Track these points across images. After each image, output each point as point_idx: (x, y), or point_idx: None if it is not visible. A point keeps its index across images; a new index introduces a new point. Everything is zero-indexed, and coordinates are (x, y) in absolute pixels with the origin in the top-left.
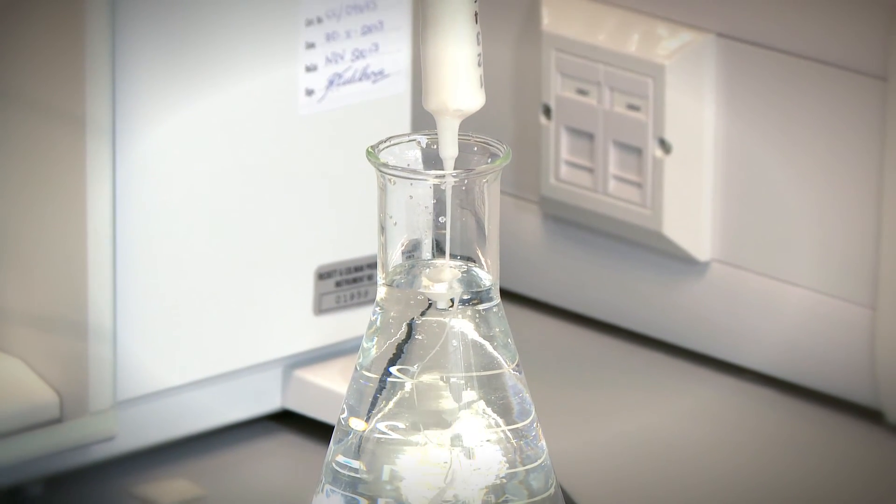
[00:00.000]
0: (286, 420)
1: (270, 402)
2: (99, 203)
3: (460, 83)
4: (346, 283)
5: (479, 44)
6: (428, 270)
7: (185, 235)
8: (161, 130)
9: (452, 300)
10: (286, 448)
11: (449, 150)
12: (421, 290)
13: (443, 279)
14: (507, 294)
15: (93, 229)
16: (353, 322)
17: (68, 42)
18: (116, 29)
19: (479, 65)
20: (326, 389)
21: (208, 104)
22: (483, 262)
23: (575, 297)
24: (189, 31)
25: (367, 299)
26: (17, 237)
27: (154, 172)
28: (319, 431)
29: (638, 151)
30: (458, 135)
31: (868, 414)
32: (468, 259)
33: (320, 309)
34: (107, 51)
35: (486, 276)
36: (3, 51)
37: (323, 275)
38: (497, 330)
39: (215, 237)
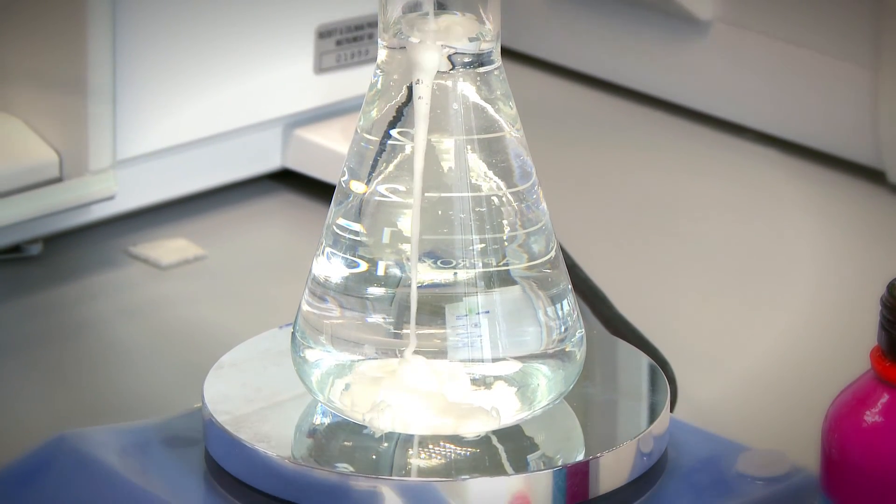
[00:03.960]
0: (286, 179)
1: (271, 162)
2: None
3: None
4: (346, 41)
5: None
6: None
7: None
8: None
9: (453, 63)
10: (286, 207)
11: None
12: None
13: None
14: (509, 53)
15: None
16: (353, 81)
17: None
18: None
19: None
20: (326, 148)
21: None
22: (485, 20)
23: (577, 56)
24: None
25: (367, 58)
26: None
27: None
28: (319, 191)
29: None
30: None
31: (870, 174)
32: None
33: (321, 68)
34: None
35: (489, 33)
36: None
37: (323, 33)
38: (498, 93)
39: None
